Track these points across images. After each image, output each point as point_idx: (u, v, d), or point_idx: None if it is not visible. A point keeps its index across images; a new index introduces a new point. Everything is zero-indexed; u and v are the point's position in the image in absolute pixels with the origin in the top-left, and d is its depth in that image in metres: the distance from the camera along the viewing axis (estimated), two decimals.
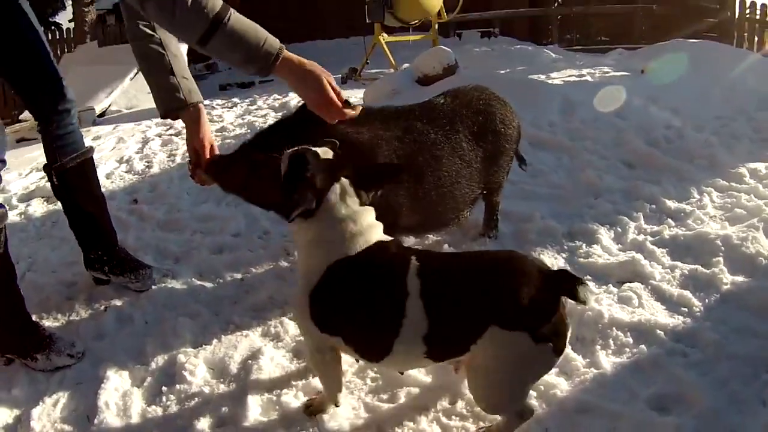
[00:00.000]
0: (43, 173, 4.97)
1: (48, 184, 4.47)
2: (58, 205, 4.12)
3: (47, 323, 2.69)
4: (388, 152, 2.55)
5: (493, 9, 12.76)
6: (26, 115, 8.79)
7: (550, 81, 6.18)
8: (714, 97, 5.47)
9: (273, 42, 2.10)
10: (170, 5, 2.00)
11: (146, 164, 5.02)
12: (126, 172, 4.90)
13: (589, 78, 6.63)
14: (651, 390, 2.04)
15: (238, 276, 2.99)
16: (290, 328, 2.50)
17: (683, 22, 12.28)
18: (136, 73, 8.66)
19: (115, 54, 9.26)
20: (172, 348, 2.44)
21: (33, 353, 2.41)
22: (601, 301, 2.51)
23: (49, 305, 2.88)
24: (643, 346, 2.25)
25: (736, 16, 14.00)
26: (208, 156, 2.52)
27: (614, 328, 2.33)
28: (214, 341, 2.46)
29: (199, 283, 2.95)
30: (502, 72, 7.36)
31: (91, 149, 2.90)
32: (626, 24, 13.42)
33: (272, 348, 2.40)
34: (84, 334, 2.63)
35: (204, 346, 2.43)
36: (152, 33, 2.45)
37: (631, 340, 2.29)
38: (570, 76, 6.89)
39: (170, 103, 2.51)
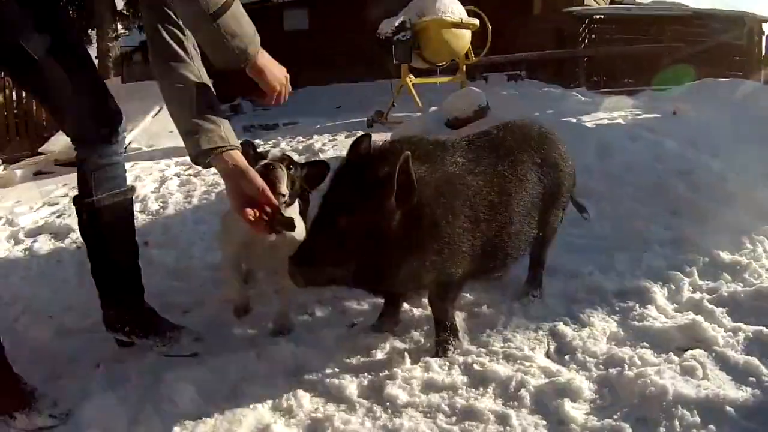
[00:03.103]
0: (53, 208, 5.05)
1: (57, 221, 4.53)
2: (65, 243, 4.17)
3: (34, 374, 2.43)
4: (463, 188, 2.35)
5: (520, 52, 12.70)
6: (45, 147, 8.81)
7: (582, 124, 5.98)
8: (751, 136, 5.26)
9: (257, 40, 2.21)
10: None
11: (161, 204, 4.93)
12: (140, 212, 4.77)
13: (621, 120, 6.40)
14: None
15: (249, 336, 2.75)
16: (305, 402, 2.20)
17: (709, 61, 12.21)
18: (158, 111, 8.69)
19: (137, 91, 9.29)
20: (167, 418, 2.15)
21: (12, 411, 2.19)
22: (663, 373, 2.21)
23: (39, 354, 2.67)
24: (712, 426, 1.94)
25: (763, 53, 13.92)
26: (269, 198, 2.20)
27: (679, 406, 2.02)
28: (217, 413, 2.16)
29: (205, 342, 2.70)
30: (533, 115, 7.18)
31: (132, 189, 2.64)
32: (652, 65, 13.28)
33: (283, 425, 2.10)
34: (71, 392, 2.38)
35: (204, 418, 2.13)
36: (189, 61, 2.22)
37: (698, 419, 1.98)
38: (601, 118, 6.67)
39: (209, 142, 2.17)
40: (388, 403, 2.17)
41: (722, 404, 2.04)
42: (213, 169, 2.28)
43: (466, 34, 8.85)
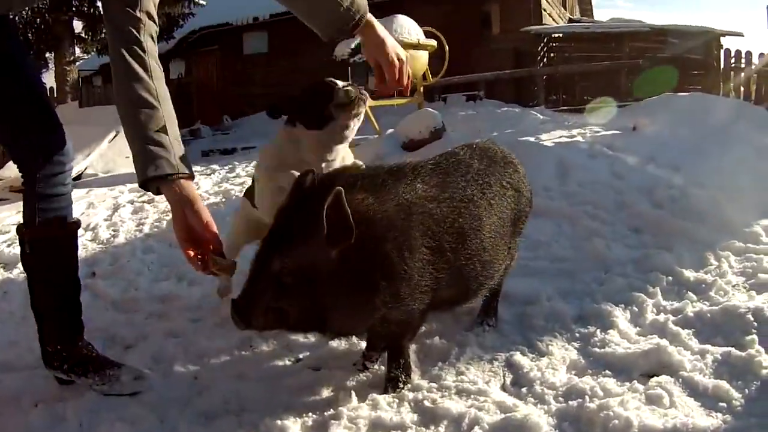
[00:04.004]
0: (4, 237, 4.88)
1: (8, 250, 4.35)
2: (13, 273, 4.03)
3: None
4: (422, 217, 2.16)
5: (479, 72, 12.71)
6: (2, 173, 8.55)
7: (540, 143, 5.91)
8: (712, 150, 5.23)
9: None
10: None
11: (112, 233, 4.85)
12: (90, 240, 4.72)
13: (580, 138, 6.42)
14: None
15: (191, 372, 2.59)
16: None
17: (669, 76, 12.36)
18: (115, 136, 8.56)
19: (94, 115, 9.17)
20: None
21: None
22: (627, 404, 2.06)
23: None
24: None
25: (722, 66, 14.10)
26: (213, 233, 2.09)
27: None
28: None
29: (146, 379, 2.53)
30: (491, 135, 7.12)
31: (78, 222, 2.51)
32: (612, 81, 13.39)
33: None
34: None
35: None
36: (148, 80, 2.09)
37: None
38: (560, 137, 6.69)
39: (157, 169, 2.04)
40: None
41: None
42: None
43: (423, 56, 8.78)
